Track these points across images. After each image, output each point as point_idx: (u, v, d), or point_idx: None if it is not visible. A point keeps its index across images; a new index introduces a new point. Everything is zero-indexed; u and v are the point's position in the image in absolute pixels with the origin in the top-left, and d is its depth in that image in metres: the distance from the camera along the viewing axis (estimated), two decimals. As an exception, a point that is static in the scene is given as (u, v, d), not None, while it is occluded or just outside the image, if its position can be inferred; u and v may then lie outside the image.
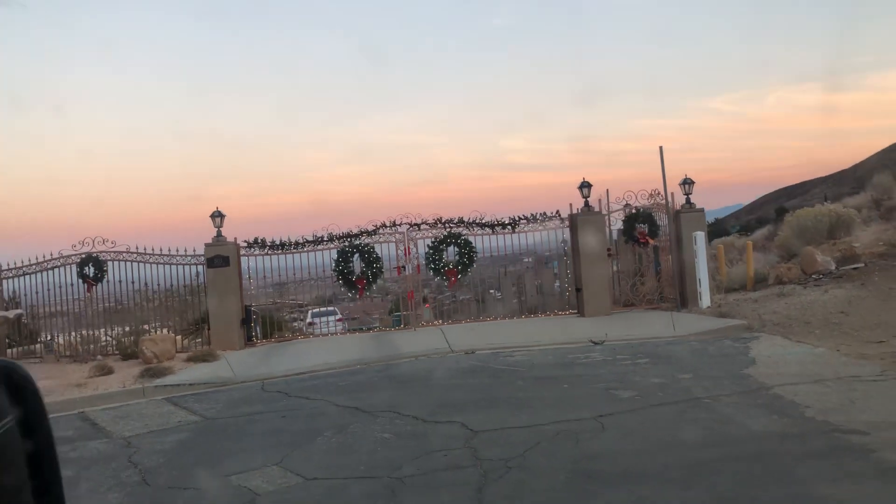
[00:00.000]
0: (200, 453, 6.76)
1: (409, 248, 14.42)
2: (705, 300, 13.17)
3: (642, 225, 14.03)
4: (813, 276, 14.16)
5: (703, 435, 5.87)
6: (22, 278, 15.47)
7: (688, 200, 13.99)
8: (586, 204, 14.11)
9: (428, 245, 14.36)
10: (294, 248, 14.35)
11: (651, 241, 14.10)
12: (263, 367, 11.57)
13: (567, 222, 14.35)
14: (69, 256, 14.88)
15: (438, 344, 12.02)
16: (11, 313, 13.79)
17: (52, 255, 15.03)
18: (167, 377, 11.05)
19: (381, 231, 14.35)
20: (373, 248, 14.34)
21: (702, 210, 13.93)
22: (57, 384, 11.17)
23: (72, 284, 14.98)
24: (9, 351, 15.32)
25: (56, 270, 15.09)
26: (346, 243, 14.28)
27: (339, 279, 14.33)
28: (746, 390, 7.20)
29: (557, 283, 15.77)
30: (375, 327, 17.96)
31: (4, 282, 15.52)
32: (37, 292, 15.44)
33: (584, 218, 14.01)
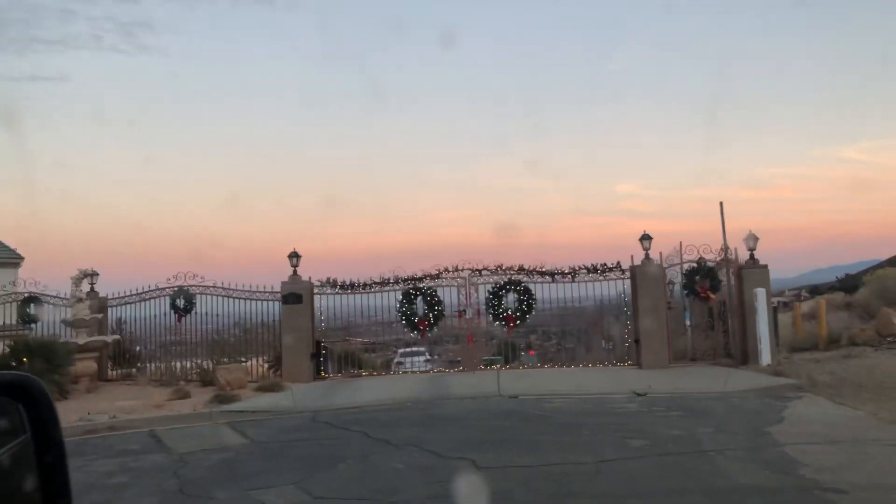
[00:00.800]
0: (236, 470, 7.53)
1: (470, 292, 15.00)
2: (765, 358, 12.96)
3: (703, 280, 14.01)
4: (888, 338, 13.67)
5: (687, 484, 6.07)
6: (124, 307, 17.14)
7: (752, 257, 13.88)
8: (647, 256, 14.27)
9: (488, 291, 14.88)
10: (363, 289, 15.24)
11: (712, 296, 14.04)
12: (322, 399, 12.34)
13: (627, 274, 14.53)
14: (164, 289, 16.38)
15: (488, 387, 12.43)
16: (110, 338, 15.33)
17: (149, 287, 16.61)
18: (234, 404, 12.01)
19: (443, 275, 15.03)
20: (435, 291, 15.02)
21: (765, 267, 13.76)
22: (140, 404, 12.37)
23: (165, 315, 16.46)
24: (110, 373, 16.91)
25: (152, 301, 16.64)
26: (411, 286, 15.03)
27: (402, 320, 15.07)
28: (757, 446, 7.27)
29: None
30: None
31: (110, 309, 17.24)
32: (135, 320, 17.06)
33: (642, 270, 14.17)
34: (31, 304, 16.76)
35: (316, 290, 15.39)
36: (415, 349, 25.10)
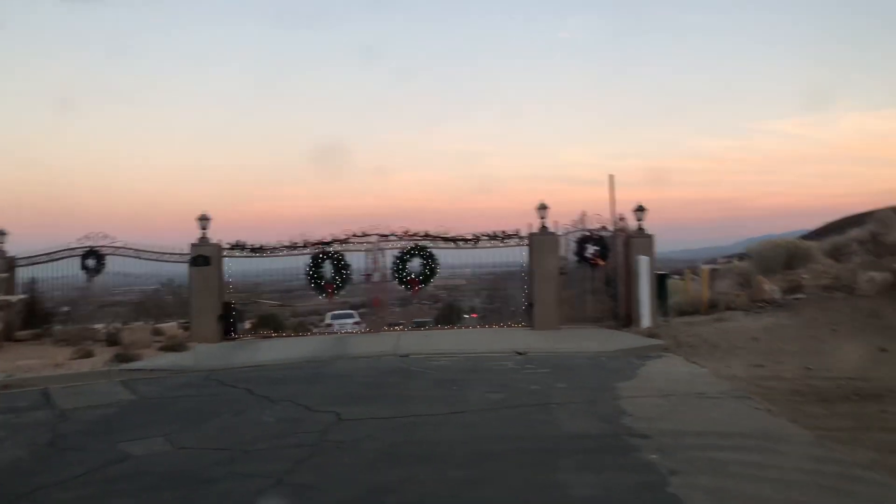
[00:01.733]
0: (114, 425, 7.91)
1: (377, 257, 15.50)
2: (645, 321, 13.89)
3: (594, 247, 14.83)
4: (758, 303, 14.75)
5: (519, 431, 6.77)
6: (34, 267, 17.02)
7: (639, 227, 14.72)
8: (543, 225, 14.98)
9: (395, 255, 15.40)
10: (271, 252, 15.56)
11: (601, 263, 14.89)
12: (223, 359, 12.72)
13: (526, 241, 15.22)
14: (74, 249, 16.35)
15: (385, 348, 13.00)
16: (14, 297, 15.30)
17: (59, 247, 16.55)
18: (134, 362, 12.29)
19: (351, 240, 15.47)
20: (343, 255, 15.46)
21: (650, 236, 14.63)
22: (40, 363, 12.48)
23: (75, 275, 16.47)
24: (20, 332, 16.85)
25: (63, 261, 16.59)
26: (319, 250, 15.43)
27: (310, 283, 15.49)
28: (598, 400, 8.03)
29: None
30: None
31: (20, 269, 17.11)
32: (47, 280, 17.01)
33: (538, 238, 14.89)
34: (-67, 264, 16.50)
35: (225, 253, 15.64)
36: (344, 311, 25.65)
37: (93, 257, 16.20)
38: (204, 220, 15.42)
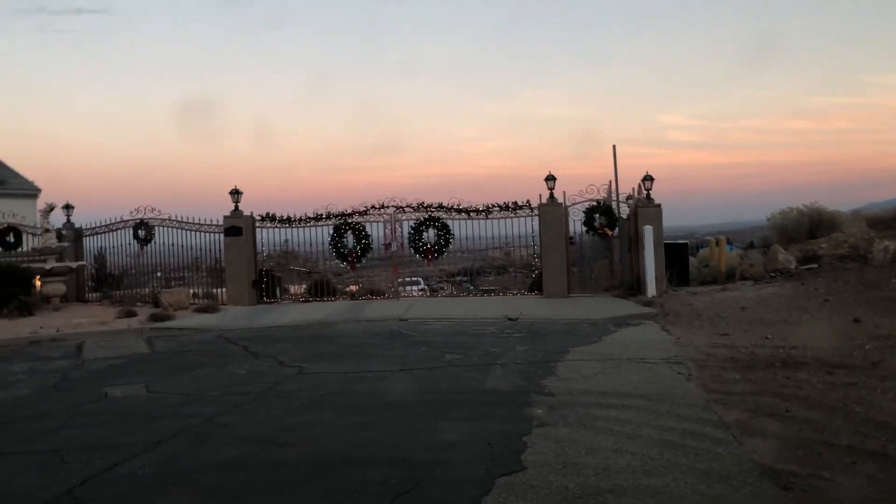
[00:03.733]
0: (113, 373, 9.10)
1: (395, 228, 16.34)
2: (650, 290, 14.13)
3: (602, 217, 15.13)
4: (771, 273, 14.72)
5: (444, 387, 7.45)
6: (101, 236, 18.82)
7: (648, 196, 14.89)
8: (551, 196, 15.40)
9: (411, 226, 16.19)
10: (298, 223, 16.66)
11: (610, 233, 15.18)
12: (246, 320, 13.92)
13: (536, 212, 15.68)
14: (128, 221, 18.00)
15: (392, 312, 13.85)
16: (74, 264, 17.05)
17: (115, 219, 18.26)
18: (167, 322, 13.67)
19: (370, 212, 16.37)
20: (363, 226, 16.39)
21: (659, 206, 14.78)
22: (90, 321, 14.05)
23: (129, 243, 18.14)
24: (88, 294, 18.75)
25: (119, 232, 18.29)
26: (341, 221, 16.40)
27: (333, 252, 16.51)
28: (541, 361, 8.56)
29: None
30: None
31: (86, 239, 18.96)
32: (112, 248, 18.81)
33: (546, 209, 15.32)
34: (11, 234, 18.52)
35: (258, 224, 16.87)
36: (412, 279, 26.92)
37: (143, 228, 17.79)
38: (236, 193, 16.65)
